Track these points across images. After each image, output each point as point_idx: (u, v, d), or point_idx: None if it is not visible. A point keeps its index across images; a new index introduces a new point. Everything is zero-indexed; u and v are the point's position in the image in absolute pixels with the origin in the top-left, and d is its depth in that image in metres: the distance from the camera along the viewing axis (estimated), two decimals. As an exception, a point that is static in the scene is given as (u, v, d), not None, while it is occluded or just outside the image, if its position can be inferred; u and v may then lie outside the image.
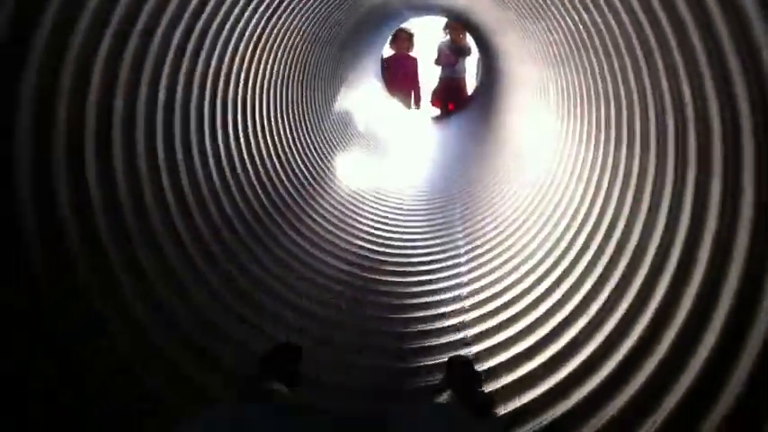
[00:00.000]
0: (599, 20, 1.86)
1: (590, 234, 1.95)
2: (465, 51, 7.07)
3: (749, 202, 1.13)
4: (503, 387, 1.71)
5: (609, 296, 1.68)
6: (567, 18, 2.22)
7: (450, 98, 7.26)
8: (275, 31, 2.77)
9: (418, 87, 7.33)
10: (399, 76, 7.13)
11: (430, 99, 7.43)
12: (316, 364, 1.91)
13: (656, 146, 1.58)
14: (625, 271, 1.66)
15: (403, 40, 7.13)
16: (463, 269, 2.55)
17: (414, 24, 7.07)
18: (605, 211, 1.90)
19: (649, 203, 1.62)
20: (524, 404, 1.62)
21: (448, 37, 7.11)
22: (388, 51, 7.23)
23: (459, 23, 6.56)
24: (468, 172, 3.97)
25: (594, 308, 1.70)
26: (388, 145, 5.01)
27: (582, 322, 1.71)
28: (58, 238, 1.44)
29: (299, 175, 3.08)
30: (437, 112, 7.43)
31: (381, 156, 4.67)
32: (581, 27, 2.10)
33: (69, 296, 1.45)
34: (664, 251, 1.49)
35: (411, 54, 7.28)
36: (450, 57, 7.11)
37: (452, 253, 2.73)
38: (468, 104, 6.93)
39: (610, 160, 1.95)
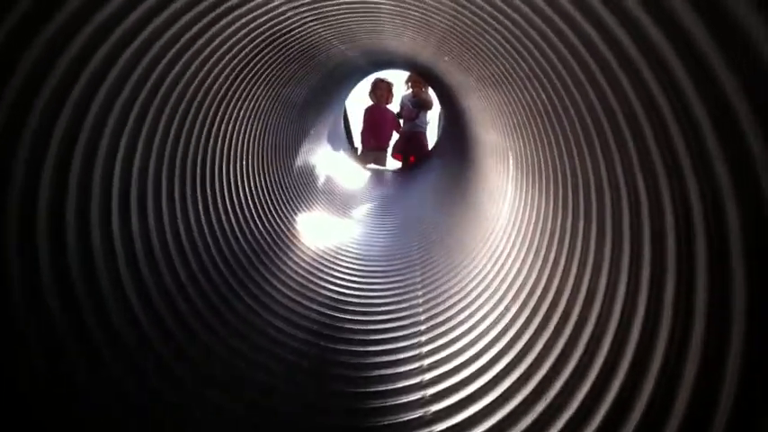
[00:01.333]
0: (556, 100, 1.90)
1: (548, 311, 1.94)
2: (426, 105, 7.19)
3: (702, 301, 1.14)
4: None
5: (568, 380, 1.66)
6: (525, 92, 2.26)
7: (412, 151, 7.35)
8: (236, 95, 2.77)
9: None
10: (380, 129, 7.23)
11: (391, 152, 7.52)
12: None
13: (611, 231, 1.59)
14: (584, 351, 1.66)
15: (383, 90, 7.22)
16: (423, 338, 2.51)
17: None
18: (563, 289, 1.90)
19: (606, 285, 1.63)
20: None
21: (410, 90, 7.22)
22: (366, 101, 7.34)
23: (421, 78, 6.69)
24: (428, 234, 3.97)
25: (553, 392, 1.69)
26: (348, 202, 5.00)
27: (541, 407, 1.69)
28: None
29: (258, 236, 3.03)
30: (398, 164, 7.50)
31: (342, 214, 4.65)
32: (539, 102, 2.14)
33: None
34: (622, 334, 1.49)
35: (389, 107, 7.37)
36: (412, 111, 7.22)
37: (412, 320, 2.70)
38: (429, 159, 7.01)
39: (567, 238, 1.97)
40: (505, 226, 2.72)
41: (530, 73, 2.12)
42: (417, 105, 7.18)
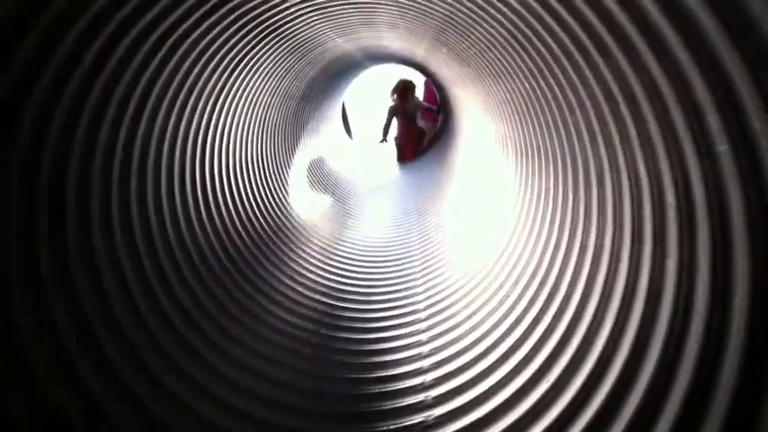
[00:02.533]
0: (556, 88, 1.91)
1: (549, 296, 1.96)
2: (414, 114, 7.20)
3: (704, 282, 1.16)
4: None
5: (569, 361, 1.68)
6: (525, 81, 2.28)
7: (409, 141, 7.36)
8: (234, 88, 2.77)
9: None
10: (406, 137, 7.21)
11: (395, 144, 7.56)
12: (269, 430, 1.86)
13: (612, 214, 1.61)
14: (585, 336, 1.67)
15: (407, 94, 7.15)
16: (423, 325, 2.53)
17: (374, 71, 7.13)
18: (563, 274, 1.92)
19: (607, 270, 1.64)
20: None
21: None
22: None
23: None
24: (428, 221, 3.98)
25: (555, 373, 1.70)
26: (349, 194, 5.01)
27: (543, 388, 1.70)
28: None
29: (258, 228, 3.04)
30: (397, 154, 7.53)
31: (342, 205, 4.66)
32: (538, 91, 2.15)
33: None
34: (623, 319, 1.51)
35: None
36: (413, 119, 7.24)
37: (412, 308, 2.72)
38: (428, 151, 7.02)
39: (568, 222, 1.98)
40: (505, 213, 2.74)
41: (530, 63, 2.13)
42: (410, 117, 7.22)
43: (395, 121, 7.38)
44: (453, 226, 3.58)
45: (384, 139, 7.34)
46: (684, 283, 1.23)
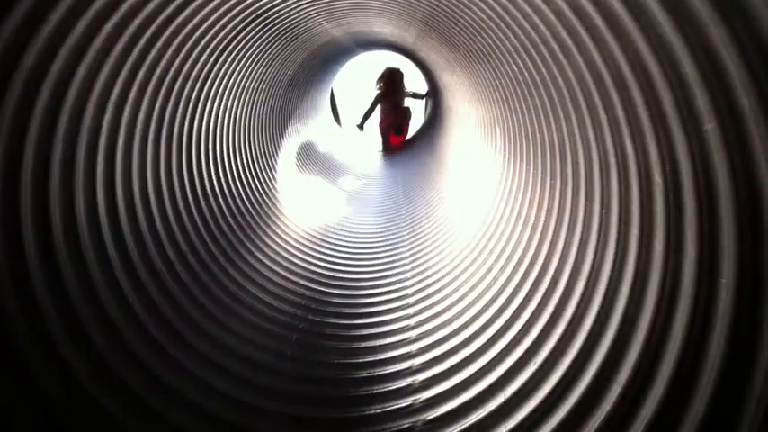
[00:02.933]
0: (544, 70, 1.90)
1: (536, 279, 1.96)
2: (400, 102, 7.20)
3: (691, 262, 1.16)
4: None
5: (557, 343, 1.68)
6: (513, 64, 2.27)
7: (395, 124, 7.34)
8: (220, 73, 2.74)
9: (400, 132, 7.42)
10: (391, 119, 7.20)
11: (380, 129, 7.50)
12: (258, 415, 1.86)
13: (600, 197, 1.61)
14: (572, 318, 1.68)
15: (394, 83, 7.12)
16: (411, 310, 2.53)
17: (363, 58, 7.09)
18: (551, 257, 1.92)
19: (594, 251, 1.64)
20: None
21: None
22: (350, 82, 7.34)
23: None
24: (417, 208, 3.98)
25: (543, 355, 1.70)
26: (337, 180, 5.00)
27: (530, 370, 1.71)
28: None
29: (245, 213, 3.02)
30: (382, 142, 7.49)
31: (330, 192, 4.65)
32: (526, 74, 2.15)
33: None
34: (610, 301, 1.51)
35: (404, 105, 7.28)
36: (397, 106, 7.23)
37: (401, 293, 2.71)
38: (416, 138, 7.00)
39: (555, 206, 1.98)
40: (493, 198, 2.74)
41: (518, 45, 2.12)
42: (398, 107, 7.23)
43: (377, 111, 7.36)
44: (442, 211, 3.58)
45: (361, 127, 7.22)
46: (671, 263, 1.23)
